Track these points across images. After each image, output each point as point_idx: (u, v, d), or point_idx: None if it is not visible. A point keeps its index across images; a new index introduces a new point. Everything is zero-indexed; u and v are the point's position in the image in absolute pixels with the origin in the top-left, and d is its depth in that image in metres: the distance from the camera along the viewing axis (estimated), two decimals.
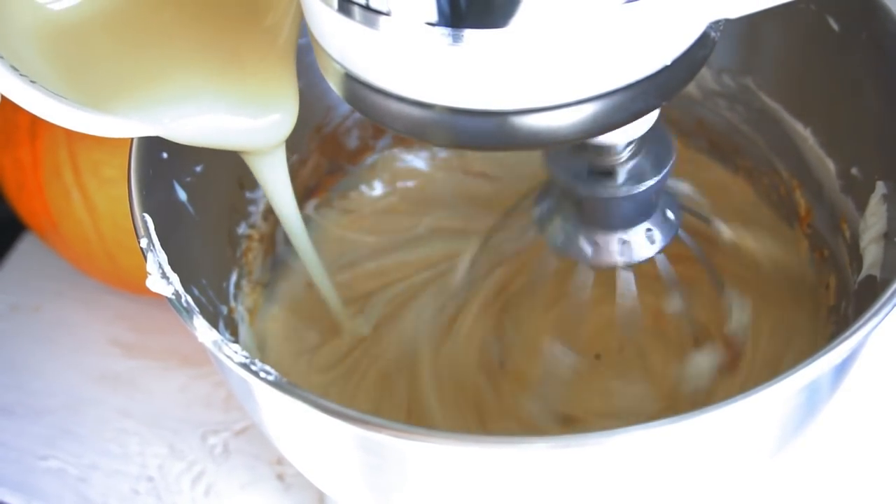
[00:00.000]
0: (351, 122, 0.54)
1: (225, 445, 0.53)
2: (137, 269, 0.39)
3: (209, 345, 0.34)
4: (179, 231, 0.41)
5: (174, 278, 0.36)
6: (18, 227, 0.62)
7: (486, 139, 0.30)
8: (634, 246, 0.40)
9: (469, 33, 0.27)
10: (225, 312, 0.45)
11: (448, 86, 0.29)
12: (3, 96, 0.34)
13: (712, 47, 0.31)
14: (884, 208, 0.41)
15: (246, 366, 0.33)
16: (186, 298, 0.36)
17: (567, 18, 0.27)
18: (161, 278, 0.36)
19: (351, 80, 0.31)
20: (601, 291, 0.45)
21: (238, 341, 0.45)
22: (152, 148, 0.40)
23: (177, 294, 0.35)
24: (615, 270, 0.43)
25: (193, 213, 0.43)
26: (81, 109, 0.34)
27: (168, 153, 0.41)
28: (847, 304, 0.43)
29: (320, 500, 0.50)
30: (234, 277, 0.47)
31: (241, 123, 0.38)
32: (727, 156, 0.53)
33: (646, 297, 0.46)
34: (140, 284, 0.37)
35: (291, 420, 0.35)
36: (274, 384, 0.32)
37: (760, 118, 0.50)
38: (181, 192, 0.42)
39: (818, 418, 0.38)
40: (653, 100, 0.30)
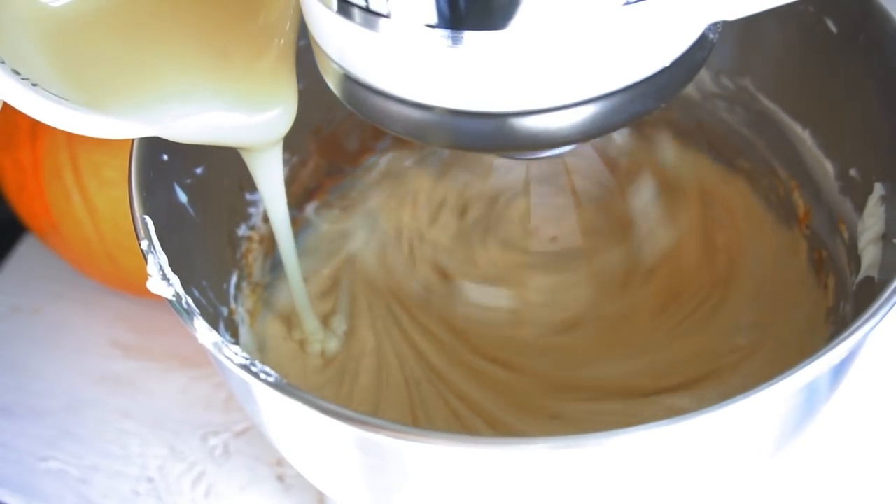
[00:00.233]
0: (350, 123, 0.54)
1: (225, 446, 0.53)
2: (138, 270, 0.39)
3: (210, 346, 0.34)
4: (180, 233, 0.41)
5: (175, 280, 0.36)
6: (19, 228, 0.62)
7: (486, 141, 0.30)
8: None
9: (469, 35, 0.27)
10: (225, 314, 0.45)
11: (447, 87, 0.29)
12: (3, 101, 0.34)
13: (711, 49, 0.31)
14: (882, 209, 0.41)
15: (246, 367, 0.33)
16: (187, 300, 0.36)
17: (566, 20, 0.27)
18: (161, 280, 0.36)
19: (350, 82, 0.31)
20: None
21: (238, 343, 0.45)
22: (153, 150, 0.40)
23: (177, 296, 0.35)
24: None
25: (194, 214, 0.43)
26: (82, 112, 0.34)
27: (168, 155, 0.41)
28: (845, 304, 0.43)
29: (320, 501, 0.50)
30: (234, 279, 0.47)
31: (239, 120, 0.37)
32: (726, 157, 0.53)
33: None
34: (140, 286, 0.37)
35: (291, 421, 0.35)
36: (274, 386, 0.32)
37: (759, 119, 0.50)
38: (181, 194, 0.42)
39: (817, 418, 0.38)
40: (651, 101, 0.30)
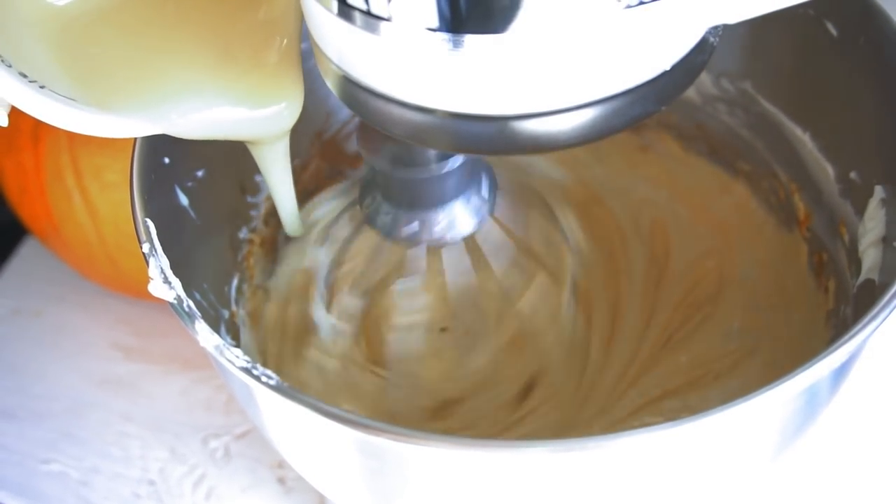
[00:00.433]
0: (351, 127, 0.54)
1: (226, 449, 0.53)
2: (139, 272, 0.39)
3: (211, 349, 0.34)
4: (181, 235, 0.41)
5: (176, 283, 0.36)
6: (20, 231, 0.62)
7: (486, 144, 0.30)
8: (459, 221, 0.41)
9: (470, 39, 0.27)
10: (226, 316, 0.45)
11: (448, 91, 0.29)
12: (12, 106, 0.34)
13: (711, 52, 0.31)
14: (882, 212, 0.41)
15: (248, 370, 0.33)
16: (188, 303, 0.36)
17: (567, 23, 0.27)
18: (163, 283, 0.36)
19: (351, 85, 0.31)
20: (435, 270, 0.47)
21: (239, 345, 0.45)
22: (154, 153, 0.40)
23: (179, 298, 0.36)
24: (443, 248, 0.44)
25: (195, 217, 0.43)
26: (90, 112, 0.35)
27: (170, 158, 0.41)
28: (846, 307, 0.43)
29: (321, 503, 0.50)
30: (235, 282, 0.47)
31: (246, 115, 0.38)
32: (726, 160, 0.53)
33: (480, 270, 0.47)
34: (141, 288, 0.37)
35: (293, 424, 0.35)
36: (275, 388, 0.32)
37: (759, 122, 0.50)
38: (183, 197, 0.42)
39: (818, 422, 0.38)
40: (652, 105, 0.30)
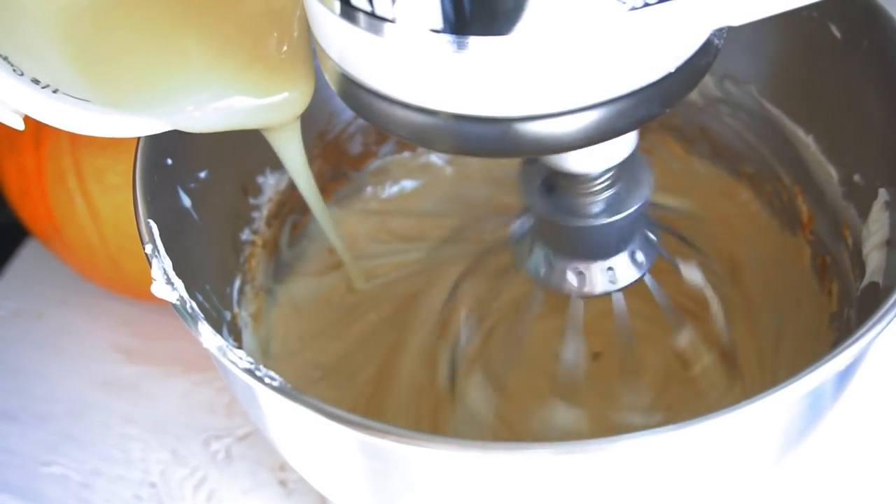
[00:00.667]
0: (354, 128, 0.54)
1: (227, 451, 0.53)
2: (140, 274, 0.39)
3: (214, 350, 0.34)
4: (183, 237, 0.41)
5: (179, 284, 0.36)
6: (21, 232, 0.62)
7: (491, 146, 0.30)
8: (619, 272, 0.40)
9: (474, 40, 0.27)
10: (228, 318, 0.45)
11: (452, 92, 0.29)
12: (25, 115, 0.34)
13: (715, 54, 0.31)
14: (886, 215, 0.41)
15: (251, 371, 0.33)
16: (191, 304, 0.36)
17: (572, 25, 0.27)
18: (166, 284, 0.36)
19: (354, 86, 0.31)
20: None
21: (242, 347, 0.45)
22: (157, 154, 0.40)
23: (181, 300, 0.35)
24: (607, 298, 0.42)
25: (197, 218, 0.43)
26: (104, 114, 0.35)
27: (172, 159, 0.41)
28: (849, 310, 0.43)
29: None
30: (237, 283, 0.47)
31: (256, 104, 0.38)
32: (730, 162, 0.53)
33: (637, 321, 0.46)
34: (143, 290, 0.37)
35: (295, 425, 0.35)
36: (279, 390, 0.32)
37: (763, 125, 0.50)
38: (185, 199, 0.42)
39: (821, 425, 0.38)
40: (656, 107, 0.30)
